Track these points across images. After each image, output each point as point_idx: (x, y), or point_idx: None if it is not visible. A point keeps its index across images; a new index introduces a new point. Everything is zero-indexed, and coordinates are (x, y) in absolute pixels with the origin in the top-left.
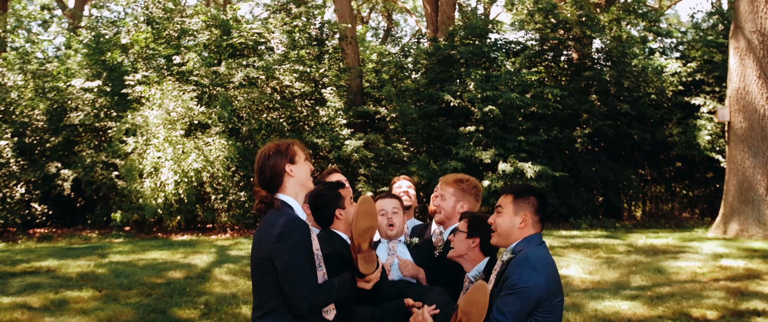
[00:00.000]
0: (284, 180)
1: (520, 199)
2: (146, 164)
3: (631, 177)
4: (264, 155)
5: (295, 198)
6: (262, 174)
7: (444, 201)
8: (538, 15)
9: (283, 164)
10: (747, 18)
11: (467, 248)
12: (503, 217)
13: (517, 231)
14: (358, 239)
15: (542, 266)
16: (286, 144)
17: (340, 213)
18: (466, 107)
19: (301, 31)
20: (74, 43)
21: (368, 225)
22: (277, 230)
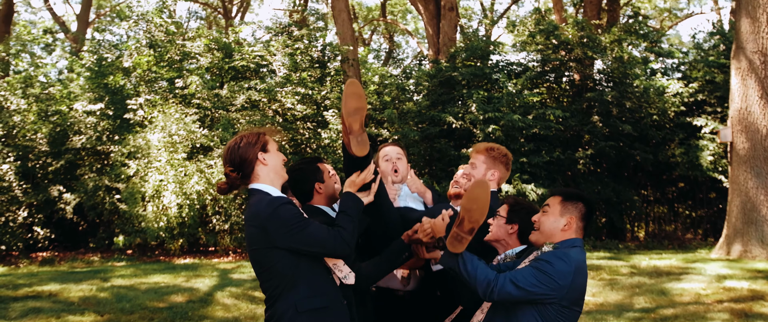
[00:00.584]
0: (256, 168)
1: (568, 202)
2: (148, 187)
3: (633, 198)
4: (233, 145)
5: (271, 185)
6: (231, 160)
7: (475, 169)
8: (539, 36)
9: (255, 152)
10: (748, 38)
11: (505, 234)
12: (548, 216)
13: (560, 233)
14: (348, 120)
15: (577, 270)
16: (257, 132)
17: (319, 187)
18: (468, 129)
19: (303, 53)
20: (77, 67)
21: (357, 106)
22: (263, 216)
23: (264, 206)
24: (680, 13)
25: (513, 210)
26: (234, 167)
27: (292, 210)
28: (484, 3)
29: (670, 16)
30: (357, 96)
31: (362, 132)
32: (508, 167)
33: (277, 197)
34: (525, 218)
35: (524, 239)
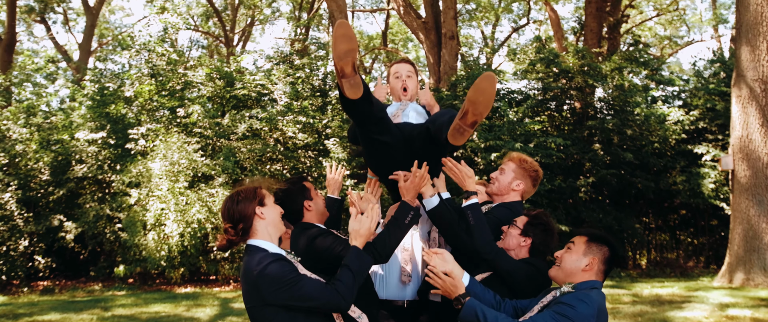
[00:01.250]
0: (254, 223)
1: (593, 243)
2: (149, 216)
3: (635, 226)
4: (231, 200)
5: (269, 240)
6: (230, 217)
7: (502, 174)
8: (540, 65)
9: (253, 207)
10: (748, 66)
11: (517, 245)
12: (571, 254)
13: (581, 273)
14: (340, 64)
15: (600, 313)
16: (253, 187)
17: (308, 204)
18: (469, 157)
19: (304, 82)
20: (78, 96)
21: (348, 48)
22: (254, 273)
23: (255, 263)
24: (680, 40)
25: (530, 223)
26: (233, 224)
27: (284, 266)
28: (484, 31)
29: (671, 43)
30: (347, 38)
31: (355, 74)
32: (535, 184)
33: (270, 254)
34: (540, 235)
35: (534, 254)
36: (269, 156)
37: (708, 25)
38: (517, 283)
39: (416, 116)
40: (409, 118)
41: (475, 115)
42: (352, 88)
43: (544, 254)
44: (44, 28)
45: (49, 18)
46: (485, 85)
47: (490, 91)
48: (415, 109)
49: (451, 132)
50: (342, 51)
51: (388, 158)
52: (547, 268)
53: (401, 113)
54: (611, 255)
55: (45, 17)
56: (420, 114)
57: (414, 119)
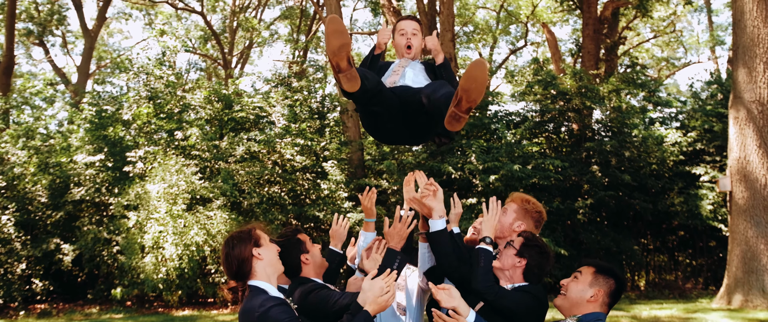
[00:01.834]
0: (253, 265)
1: (600, 274)
2: (147, 239)
3: (633, 247)
4: (228, 245)
5: (268, 281)
6: (229, 264)
7: (504, 215)
8: (537, 86)
9: (249, 250)
10: (746, 88)
11: (511, 266)
12: (578, 284)
13: (586, 303)
14: (334, 59)
15: None
16: (248, 229)
17: (305, 258)
18: (467, 179)
19: (302, 104)
20: (77, 119)
21: (341, 43)
22: (254, 316)
23: (257, 305)
24: (678, 62)
25: (526, 245)
26: (233, 275)
27: (286, 312)
28: (482, 54)
29: (668, 65)
30: (339, 33)
31: (350, 67)
32: (538, 225)
33: (270, 297)
34: (535, 257)
35: (529, 276)
36: (267, 178)
37: (705, 46)
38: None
39: (414, 76)
40: (407, 80)
41: (469, 102)
42: (350, 81)
43: (539, 277)
44: (43, 50)
45: (48, 41)
46: (476, 73)
47: (481, 78)
48: (415, 68)
49: (448, 119)
50: (335, 46)
51: (381, 125)
52: (544, 293)
53: (401, 71)
54: (617, 288)
55: (43, 40)
56: (420, 74)
57: (412, 81)
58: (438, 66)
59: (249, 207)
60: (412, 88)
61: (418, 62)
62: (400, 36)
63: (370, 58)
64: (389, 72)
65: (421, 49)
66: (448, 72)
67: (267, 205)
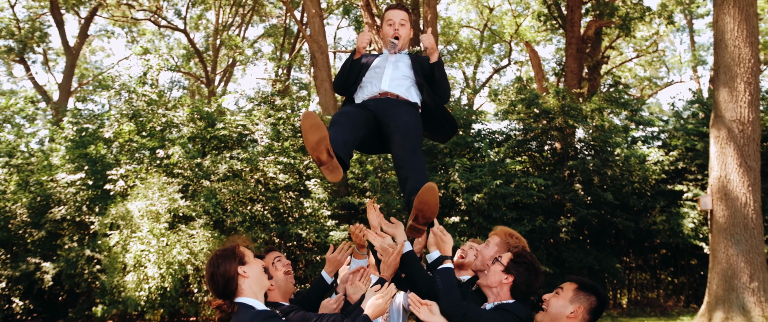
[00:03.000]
0: (239, 283)
1: (582, 291)
2: (129, 258)
3: (615, 266)
4: (212, 264)
5: (254, 297)
6: (214, 283)
7: (486, 248)
8: (520, 105)
9: (234, 268)
10: (727, 107)
11: (498, 282)
12: (558, 300)
13: (565, 319)
14: (315, 154)
15: None
16: (232, 247)
17: (270, 284)
18: (450, 197)
19: (286, 122)
20: (57, 137)
21: (318, 137)
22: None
23: (249, 320)
24: (660, 81)
25: (514, 262)
26: (220, 294)
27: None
28: (466, 72)
29: (650, 84)
30: (315, 127)
31: (331, 158)
32: None
33: (261, 311)
34: (523, 273)
35: (516, 293)
36: (250, 197)
37: (687, 66)
38: None
39: (395, 76)
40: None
41: (426, 219)
42: (333, 172)
43: (526, 295)
44: (24, 68)
45: (29, 58)
46: (428, 197)
47: (433, 201)
48: (399, 64)
49: (408, 230)
50: (313, 141)
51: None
52: (526, 312)
53: (381, 72)
54: (597, 305)
55: (24, 57)
56: (403, 69)
57: (390, 81)
58: (432, 64)
59: (232, 226)
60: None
61: (405, 55)
62: (387, 26)
63: (350, 64)
64: (370, 71)
65: (408, 39)
66: (440, 71)
67: (250, 223)
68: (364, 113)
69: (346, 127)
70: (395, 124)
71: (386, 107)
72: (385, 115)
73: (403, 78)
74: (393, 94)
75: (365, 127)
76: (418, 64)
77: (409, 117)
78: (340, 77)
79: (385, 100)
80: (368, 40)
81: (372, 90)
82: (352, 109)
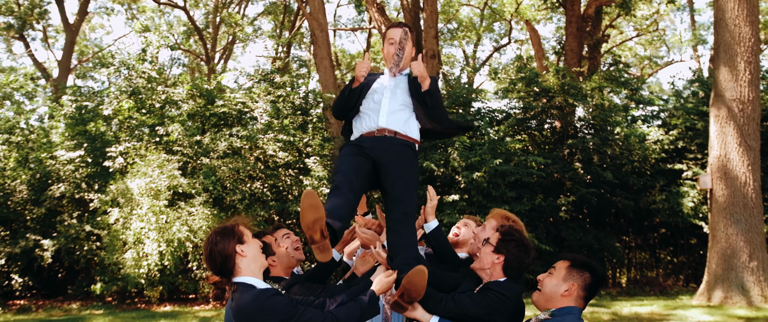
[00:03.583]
0: (237, 262)
1: (575, 268)
2: (129, 235)
3: (615, 245)
4: (211, 242)
5: (254, 276)
6: (212, 261)
7: (483, 232)
8: (520, 84)
9: (233, 246)
10: (727, 86)
11: (490, 263)
12: (552, 279)
13: (560, 298)
14: (308, 232)
15: None
16: (231, 225)
17: (272, 260)
18: (450, 176)
19: (285, 100)
20: (57, 114)
21: (315, 217)
22: (250, 310)
23: (252, 299)
24: (660, 61)
25: (503, 241)
26: (217, 271)
27: (282, 300)
28: (466, 51)
29: (651, 64)
30: (314, 208)
31: (323, 239)
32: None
33: (263, 290)
34: (513, 251)
35: (509, 271)
36: (249, 174)
37: (687, 45)
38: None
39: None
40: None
41: (412, 298)
42: (322, 252)
43: (520, 272)
44: (23, 45)
45: (28, 35)
46: (416, 279)
47: (421, 284)
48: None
49: (392, 304)
50: (310, 221)
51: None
52: (512, 290)
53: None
54: (592, 282)
55: (24, 34)
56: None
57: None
58: (423, 92)
59: (231, 203)
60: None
61: (405, 76)
62: (389, 45)
63: (348, 92)
64: (368, 98)
65: (410, 59)
66: (433, 99)
67: (249, 201)
68: (363, 164)
69: (345, 196)
70: (392, 180)
71: (385, 151)
72: (384, 163)
73: (402, 109)
74: (391, 131)
75: (365, 181)
76: (414, 87)
77: (406, 173)
78: (339, 103)
79: (382, 139)
80: (367, 69)
81: (370, 125)
82: (351, 163)
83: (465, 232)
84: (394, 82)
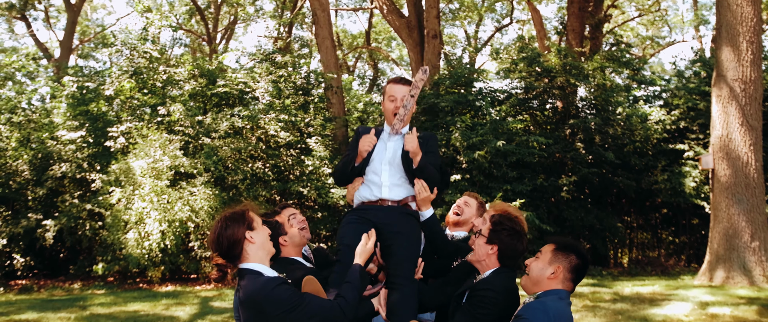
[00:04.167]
0: (244, 248)
1: (560, 251)
2: (131, 214)
3: (616, 225)
4: (220, 226)
5: (261, 263)
6: (219, 244)
7: (483, 224)
8: (522, 64)
9: (242, 232)
10: (729, 66)
11: (485, 254)
12: (538, 262)
13: (546, 281)
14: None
15: (555, 317)
16: (241, 211)
17: (283, 240)
18: (452, 156)
19: (287, 80)
20: (59, 94)
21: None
22: (258, 298)
23: (259, 288)
24: (662, 41)
25: (494, 230)
26: (223, 253)
27: (288, 289)
28: (468, 31)
29: (653, 44)
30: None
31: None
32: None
33: (270, 279)
34: (505, 239)
35: (504, 260)
36: (251, 154)
37: (689, 25)
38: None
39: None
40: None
41: None
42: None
43: (514, 260)
44: (25, 25)
45: (30, 15)
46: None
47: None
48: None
49: None
50: None
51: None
52: (502, 282)
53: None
54: (578, 263)
55: (25, 14)
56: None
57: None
58: (414, 168)
59: (233, 183)
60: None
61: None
62: (389, 102)
63: (350, 169)
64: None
65: (411, 116)
66: (423, 174)
67: (251, 181)
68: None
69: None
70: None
71: (387, 218)
72: (387, 229)
73: (402, 182)
74: (394, 201)
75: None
76: (407, 160)
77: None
78: (341, 176)
79: (385, 208)
80: (371, 145)
81: (371, 195)
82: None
83: (468, 212)
84: (393, 144)
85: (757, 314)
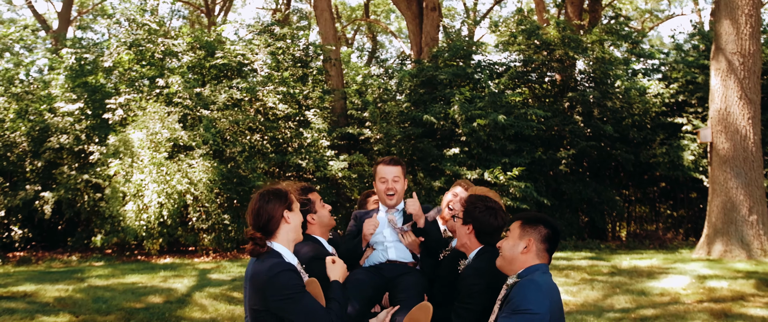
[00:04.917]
0: (280, 226)
1: (527, 225)
2: (130, 186)
3: (615, 198)
4: (262, 197)
5: (286, 246)
6: (258, 217)
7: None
8: (521, 37)
9: (282, 210)
10: (728, 39)
11: (465, 235)
12: (508, 240)
13: (521, 256)
14: None
15: (548, 291)
16: (285, 190)
17: (312, 218)
18: (450, 128)
19: (285, 52)
20: (57, 66)
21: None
22: (263, 278)
23: (267, 269)
24: (661, 14)
25: (467, 210)
26: (259, 226)
27: (293, 278)
28: (467, 3)
29: (652, 17)
30: (317, 297)
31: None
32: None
33: (282, 262)
34: (479, 217)
35: (482, 237)
36: (249, 126)
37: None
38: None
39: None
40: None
41: None
42: None
43: (492, 235)
44: None
45: None
46: (419, 315)
47: (425, 320)
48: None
49: None
50: None
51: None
52: (480, 261)
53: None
54: (548, 232)
55: None
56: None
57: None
58: (420, 229)
59: (231, 155)
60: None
61: (400, 210)
62: (380, 183)
63: (354, 247)
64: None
65: (403, 194)
66: (430, 237)
67: (249, 153)
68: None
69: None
70: (404, 286)
71: (396, 273)
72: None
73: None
74: (401, 262)
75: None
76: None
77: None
78: (349, 255)
79: (394, 266)
80: (375, 227)
81: (381, 258)
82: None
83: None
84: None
85: (755, 287)
